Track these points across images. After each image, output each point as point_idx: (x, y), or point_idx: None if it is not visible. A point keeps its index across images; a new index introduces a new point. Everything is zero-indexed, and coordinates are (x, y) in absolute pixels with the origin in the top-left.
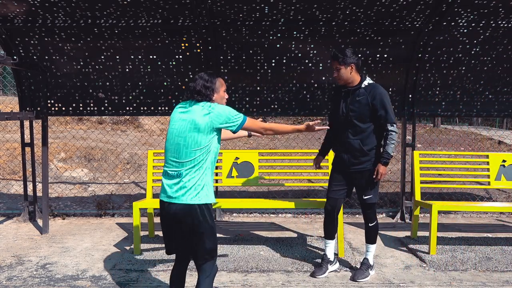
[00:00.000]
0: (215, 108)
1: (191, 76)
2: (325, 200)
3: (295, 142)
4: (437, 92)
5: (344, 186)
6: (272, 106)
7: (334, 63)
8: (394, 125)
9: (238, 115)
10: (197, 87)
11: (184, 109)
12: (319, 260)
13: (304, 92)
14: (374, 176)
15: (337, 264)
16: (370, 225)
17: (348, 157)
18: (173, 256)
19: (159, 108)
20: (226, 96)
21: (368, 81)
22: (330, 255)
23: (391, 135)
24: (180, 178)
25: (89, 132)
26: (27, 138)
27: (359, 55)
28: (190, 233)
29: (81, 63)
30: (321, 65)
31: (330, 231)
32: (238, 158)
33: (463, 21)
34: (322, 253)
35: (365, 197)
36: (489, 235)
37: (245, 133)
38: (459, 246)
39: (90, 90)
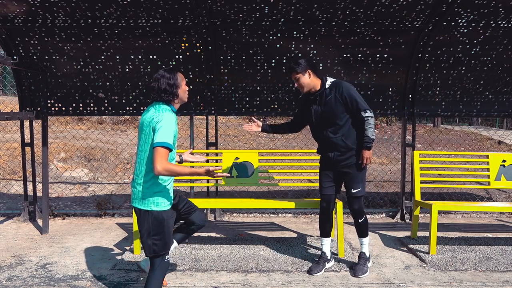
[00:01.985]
0: (161, 119)
1: (191, 76)
2: None
3: (295, 142)
4: (437, 92)
5: (333, 182)
6: (272, 106)
7: (292, 74)
8: (368, 110)
9: (161, 139)
10: (162, 86)
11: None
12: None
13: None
14: (360, 162)
15: (333, 261)
16: (360, 221)
17: (334, 155)
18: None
19: None
20: (187, 89)
21: (330, 80)
22: (328, 253)
23: (367, 121)
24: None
25: (89, 132)
26: (27, 138)
27: (314, 61)
28: None
29: (81, 63)
30: (321, 65)
31: (326, 229)
32: (238, 158)
33: (463, 21)
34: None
35: (354, 191)
36: (489, 235)
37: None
38: (459, 246)
39: (90, 90)
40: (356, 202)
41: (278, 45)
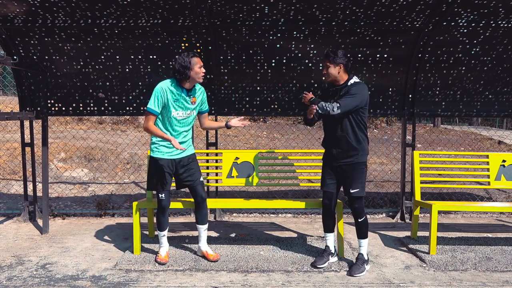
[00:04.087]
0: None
1: None
2: None
3: (295, 142)
4: (437, 92)
5: (335, 179)
6: (272, 106)
7: (325, 61)
8: (340, 109)
9: (148, 104)
10: (176, 67)
11: None
12: None
13: (304, 92)
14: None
15: (336, 257)
16: (359, 220)
17: (336, 151)
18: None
19: None
20: (203, 71)
21: (354, 79)
22: (332, 247)
23: (332, 106)
24: None
25: (89, 132)
26: (27, 138)
27: (350, 57)
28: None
29: (81, 63)
30: (321, 65)
31: (329, 225)
32: (238, 158)
33: (463, 21)
34: (323, 247)
35: (352, 191)
36: (489, 235)
37: (222, 124)
38: (459, 246)
39: (90, 90)
40: (356, 201)
41: (278, 45)
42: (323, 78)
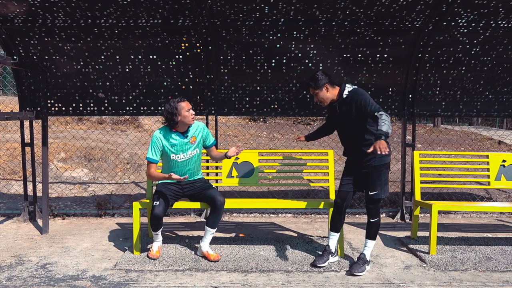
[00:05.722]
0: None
1: (191, 76)
2: (325, 200)
3: (295, 142)
4: (437, 92)
5: (352, 181)
6: (272, 106)
7: (310, 90)
8: (381, 110)
9: (147, 152)
10: (164, 115)
11: None
12: None
13: (304, 92)
14: (369, 151)
15: (337, 256)
16: (371, 220)
17: (353, 158)
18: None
19: (159, 108)
20: (191, 113)
21: (348, 89)
22: (333, 247)
23: (381, 117)
24: None
25: (89, 132)
26: (27, 138)
27: (328, 74)
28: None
29: (81, 63)
30: (321, 65)
31: (336, 224)
32: (238, 158)
33: (463, 21)
34: (323, 247)
35: (371, 193)
36: (489, 235)
37: (223, 154)
38: (459, 246)
39: (90, 90)
40: (372, 202)
41: (278, 45)
42: (321, 104)
